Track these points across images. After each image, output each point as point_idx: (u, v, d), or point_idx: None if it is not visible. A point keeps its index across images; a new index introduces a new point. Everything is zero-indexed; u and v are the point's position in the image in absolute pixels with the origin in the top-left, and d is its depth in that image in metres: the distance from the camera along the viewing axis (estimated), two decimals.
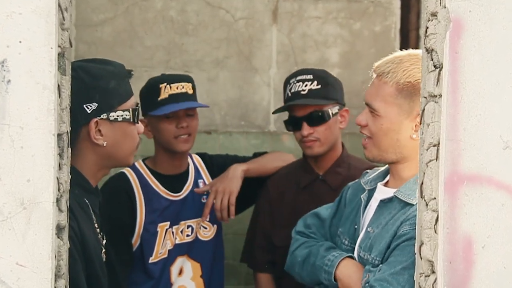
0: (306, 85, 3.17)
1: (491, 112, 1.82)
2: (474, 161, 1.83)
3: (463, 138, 1.83)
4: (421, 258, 1.94)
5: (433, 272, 1.89)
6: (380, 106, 2.35)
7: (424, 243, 1.91)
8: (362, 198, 2.49)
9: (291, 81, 3.22)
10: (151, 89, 3.19)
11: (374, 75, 2.43)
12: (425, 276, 1.92)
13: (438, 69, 1.88)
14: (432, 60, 1.90)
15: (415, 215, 2.25)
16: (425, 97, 1.94)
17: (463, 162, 1.83)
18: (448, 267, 1.84)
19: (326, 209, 2.70)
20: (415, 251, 2.03)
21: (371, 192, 2.49)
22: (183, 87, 3.17)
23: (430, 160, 1.90)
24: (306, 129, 3.15)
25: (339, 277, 2.45)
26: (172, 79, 3.20)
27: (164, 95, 3.14)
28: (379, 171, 2.54)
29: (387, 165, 2.50)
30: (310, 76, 3.19)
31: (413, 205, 2.31)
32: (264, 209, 3.32)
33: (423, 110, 1.94)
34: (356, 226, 2.48)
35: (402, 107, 2.33)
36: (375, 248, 2.33)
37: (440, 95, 1.86)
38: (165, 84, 3.15)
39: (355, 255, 2.44)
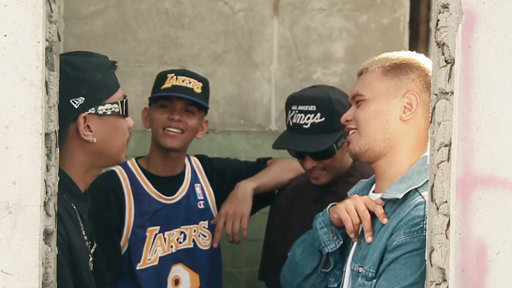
0: (308, 118, 3.08)
1: (506, 110, 1.82)
2: (488, 162, 1.82)
3: (476, 137, 1.83)
4: (431, 266, 1.94)
5: (445, 280, 1.89)
6: (367, 91, 2.41)
7: (435, 249, 1.91)
8: None
9: (292, 108, 3.12)
10: (158, 78, 3.26)
11: (358, 76, 2.50)
12: (436, 285, 1.92)
13: (450, 64, 1.88)
14: (443, 55, 1.90)
15: (409, 220, 2.24)
16: (436, 94, 1.94)
17: (476, 163, 1.83)
18: (460, 275, 1.84)
19: None
20: (425, 258, 2.03)
21: None
22: (190, 82, 3.19)
23: (441, 161, 1.90)
24: (310, 163, 3.11)
25: (332, 208, 2.48)
26: (182, 72, 3.26)
27: (167, 84, 3.18)
28: (365, 182, 2.55)
29: (373, 176, 2.51)
30: (313, 107, 3.08)
31: (400, 203, 2.30)
32: (275, 223, 3.32)
33: (434, 108, 1.94)
34: (345, 240, 2.49)
35: (389, 87, 2.39)
36: (368, 259, 2.31)
37: (452, 92, 1.86)
38: (173, 74, 3.20)
39: (347, 269, 2.44)
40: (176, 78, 3.18)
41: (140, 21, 4.32)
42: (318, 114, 3.07)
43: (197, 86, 3.20)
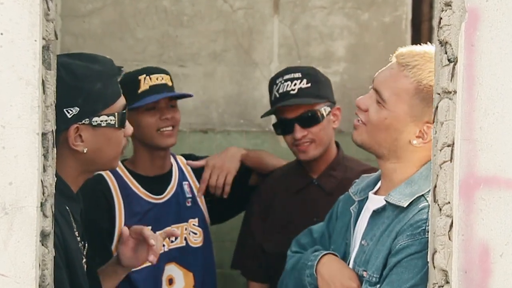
0: (295, 84, 3.16)
1: (510, 110, 1.82)
2: (492, 163, 1.82)
3: (480, 137, 1.82)
4: (434, 267, 1.93)
5: (447, 282, 1.88)
6: (391, 99, 2.31)
7: (437, 251, 1.91)
8: (352, 210, 2.47)
9: (277, 81, 3.21)
10: (129, 82, 3.13)
11: (394, 60, 2.37)
12: (439, 287, 1.92)
13: (453, 63, 1.87)
14: (446, 53, 1.90)
15: (412, 224, 2.24)
16: (439, 94, 1.93)
17: (479, 163, 1.82)
18: (463, 277, 1.83)
19: (320, 226, 2.70)
20: (428, 260, 2.03)
21: (362, 203, 2.46)
22: (162, 79, 3.22)
23: (444, 162, 1.90)
24: (299, 131, 3.13)
25: (319, 270, 2.43)
26: (150, 70, 3.25)
27: (144, 86, 3.17)
28: (368, 179, 2.52)
29: (377, 172, 2.50)
30: (298, 75, 3.19)
31: (405, 208, 2.29)
32: (255, 213, 3.33)
33: (436, 107, 1.94)
34: (347, 241, 2.47)
35: (413, 109, 2.30)
36: (371, 264, 2.31)
37: (455, 91, 1.86)
38: (144, 75, 3.19)
39: None
40: (150, 78, 3.19)
41: (139, 19, 4.32)
42: (304, 80, 3.18)
43: (168, 80, 3.24)
